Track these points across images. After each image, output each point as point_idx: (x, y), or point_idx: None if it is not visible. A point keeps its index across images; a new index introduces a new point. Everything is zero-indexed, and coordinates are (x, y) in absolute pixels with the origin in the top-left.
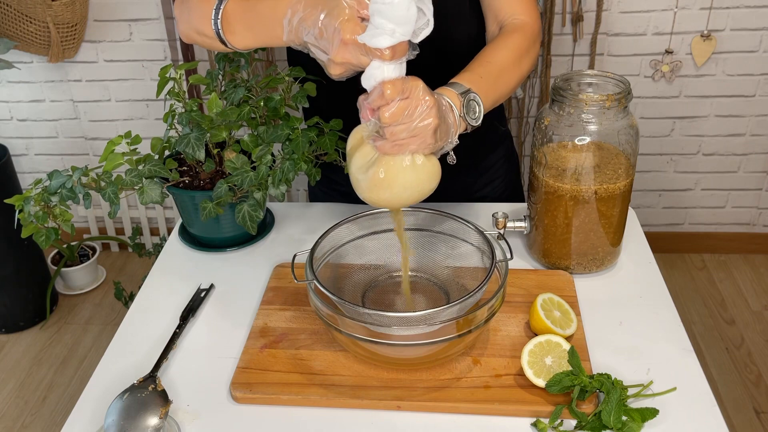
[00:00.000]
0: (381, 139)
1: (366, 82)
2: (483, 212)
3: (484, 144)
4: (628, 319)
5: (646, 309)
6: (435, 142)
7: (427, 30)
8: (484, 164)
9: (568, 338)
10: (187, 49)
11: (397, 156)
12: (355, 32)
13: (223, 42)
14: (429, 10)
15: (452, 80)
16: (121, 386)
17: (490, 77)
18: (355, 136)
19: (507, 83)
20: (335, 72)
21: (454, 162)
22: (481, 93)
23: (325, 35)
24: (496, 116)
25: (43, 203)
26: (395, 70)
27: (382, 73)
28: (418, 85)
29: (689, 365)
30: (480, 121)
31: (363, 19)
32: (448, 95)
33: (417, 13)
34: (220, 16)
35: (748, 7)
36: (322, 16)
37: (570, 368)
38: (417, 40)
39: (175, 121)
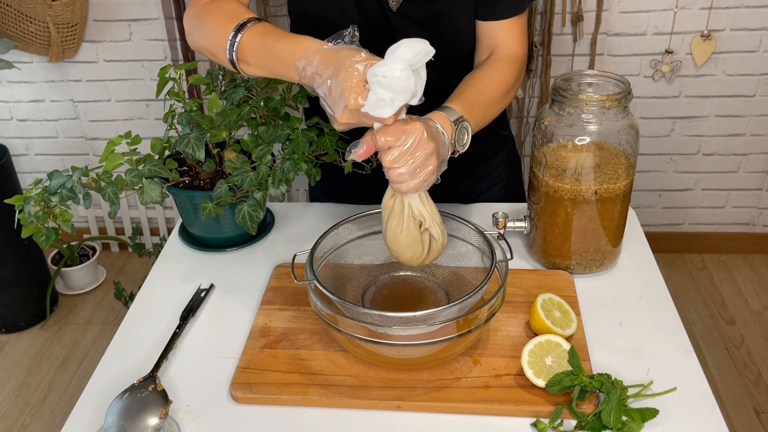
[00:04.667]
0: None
1: None
2: (483, 212)
3: (485, 149)
4: (628, 319)
5: (646, 309)
6: (435, 179)
7: (419, 95)
8: (485, 169)
9: (568, 338)
10: (187, 49)
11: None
12: (359, 99)
13: (236, 69)
14: (422, 73)
15: (446, 104)
16: (121, 386)
17: (481, 107)
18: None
19: (493, 113)
20: (338, 128)
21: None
22: (471, 121)
23: (333, 95)
24: (498, 121)
25: (43, 203)
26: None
27: None
28: (417, 128)
29: (689, 365)
30: (467, 148)
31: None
32: (441, 121)
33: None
34: (236, 49)
35: (748, 7)
36: (329, 82)
37: (570, 368)
38: (413, 103)
39: (175, 121)
